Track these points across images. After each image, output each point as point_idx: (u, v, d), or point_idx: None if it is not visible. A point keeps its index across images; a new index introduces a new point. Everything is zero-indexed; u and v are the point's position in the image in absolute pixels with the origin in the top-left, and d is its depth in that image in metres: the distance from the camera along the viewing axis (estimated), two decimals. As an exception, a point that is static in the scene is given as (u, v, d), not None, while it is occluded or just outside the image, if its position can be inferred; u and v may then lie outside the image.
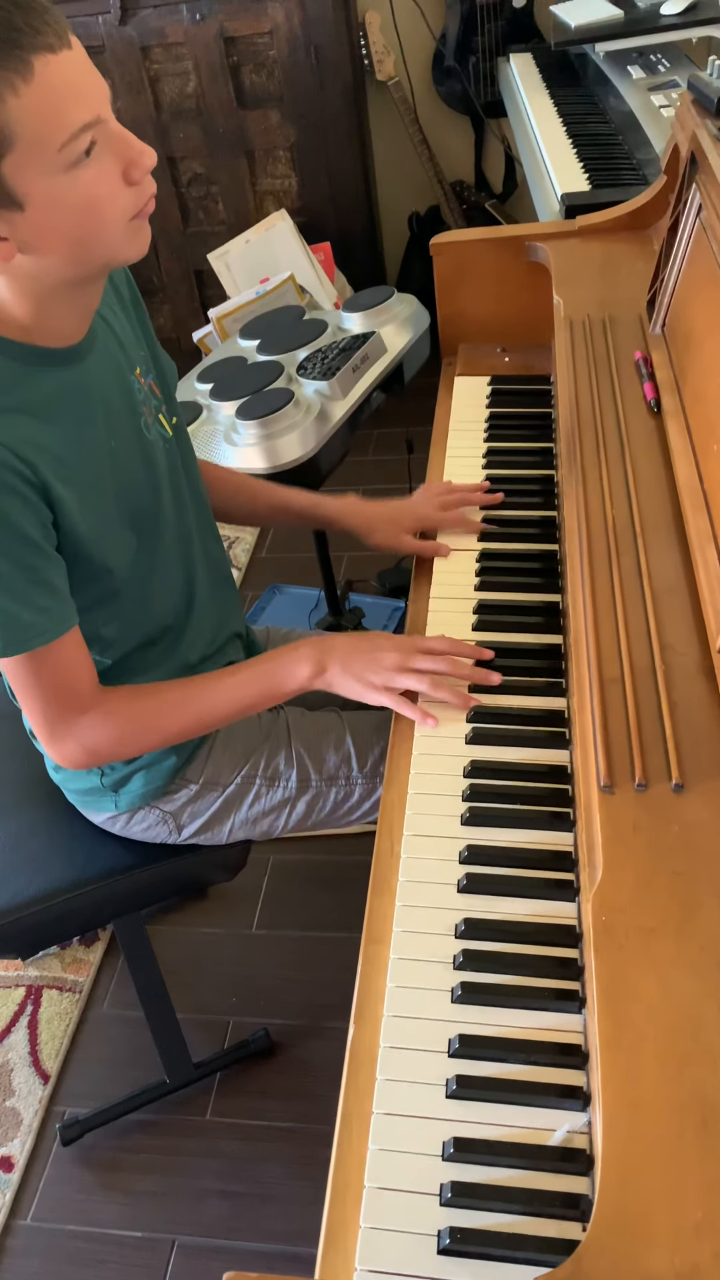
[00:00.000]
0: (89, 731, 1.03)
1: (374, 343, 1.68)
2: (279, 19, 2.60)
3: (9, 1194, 1.46)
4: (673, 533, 0.96)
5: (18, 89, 0.77)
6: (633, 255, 1.45)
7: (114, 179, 0.85)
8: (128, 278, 1.12)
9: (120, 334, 1.06)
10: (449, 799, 0.94)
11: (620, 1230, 0.52)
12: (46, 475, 0.92)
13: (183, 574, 1.16)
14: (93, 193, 0.84)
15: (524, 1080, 0.73)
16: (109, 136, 0.84)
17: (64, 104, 0.80)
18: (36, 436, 0.92)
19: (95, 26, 2.65)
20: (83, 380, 0.98)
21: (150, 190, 0.89)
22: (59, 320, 0.95)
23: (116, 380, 1.03)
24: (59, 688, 1.00)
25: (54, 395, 0.95)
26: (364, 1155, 0.72)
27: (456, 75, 2.83)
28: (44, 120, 0.79)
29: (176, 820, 1.22)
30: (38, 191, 0.83)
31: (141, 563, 1.07)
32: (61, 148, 0.81)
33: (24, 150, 0.80)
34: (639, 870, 0.68)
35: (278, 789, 1.22)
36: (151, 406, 1.09)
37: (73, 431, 0.96)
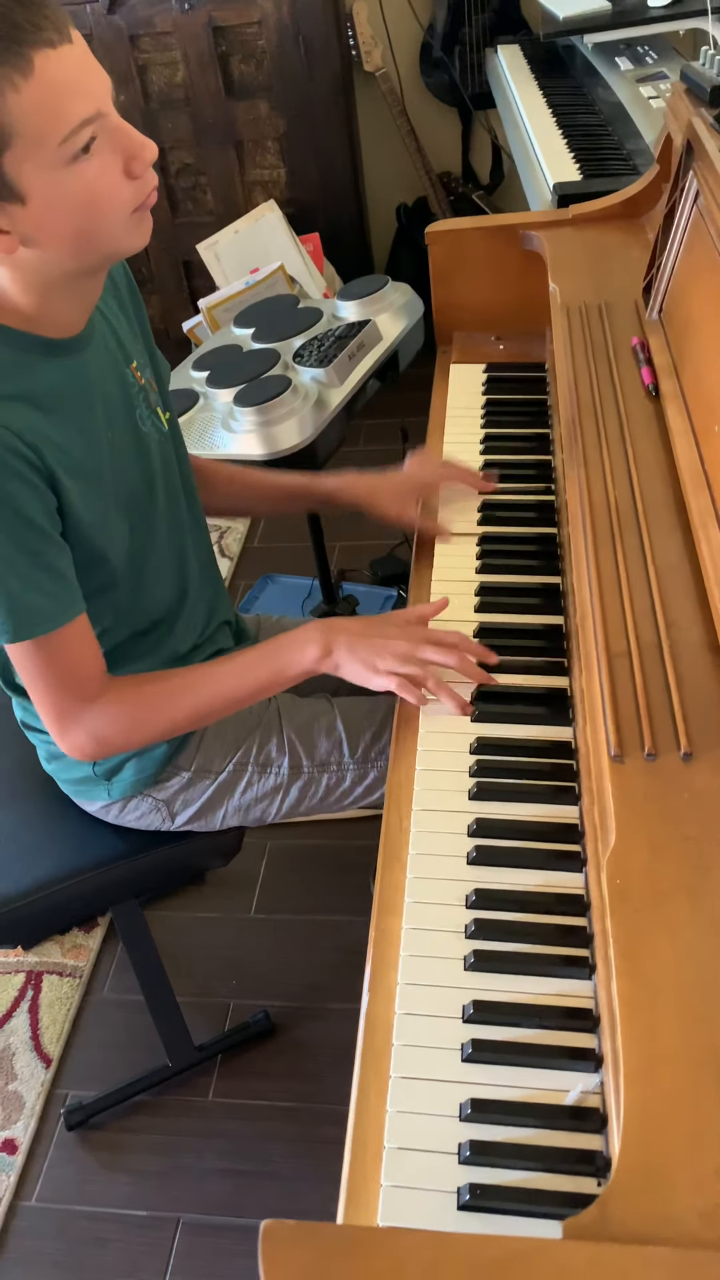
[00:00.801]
0: (97, 720, 1.03)
1: (369, 331, 1.70)
2: (267, 9, 2.61)
3: (13, 1176, 1.47)
4: (674, 513, 0.98)
5: (17, 85, 0.78)
6: (626, 243, 1.47)
7: (115, 172, 0.86)
8: (126, 274, 1.13)
9: (117, 328, 1.07)
10: (456, 775, 0.96)
11: (643, 1175, 0.54)
12: (51, 463, 0.93)
13: (175, 565, 1.17)
14: (94, 187, 0.85)
15: (537, 1044, 0.75)
16: (110, 130, 0.85)
17: (64, 99, 0.80)
18: (39, 425, 0.93)
19: (84, 15, 2.64)
20: (82, 371, 0.99)
21: (152, 183, 0.90)
22: (61, 311, 0.96)
23: (114, 372, 1.04)
24: (68, 675, 1.01)
25: (55, 385, 0.96)
26: (382, 1117, 0.73)
27: (444, 66, 2.84)
28: (44, 116, 0.80)
29: (170, 808, 1.23)
30: (39, 186, 0.83)
31: (136, 553, 1.09)
32: (62, 143, 0.82)
33: (25, 145, 0.81)
34: (651, 836, 0.70)
35: (270, 775, 1.23)
36: (149, 400, 1.10)
37: (73, 421, 0.97)
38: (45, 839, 1.27)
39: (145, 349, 1.13)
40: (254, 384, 1.60)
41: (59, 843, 1.26)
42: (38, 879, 1.23)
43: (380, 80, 2.81)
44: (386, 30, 2.83)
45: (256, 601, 2.35)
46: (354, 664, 1.04)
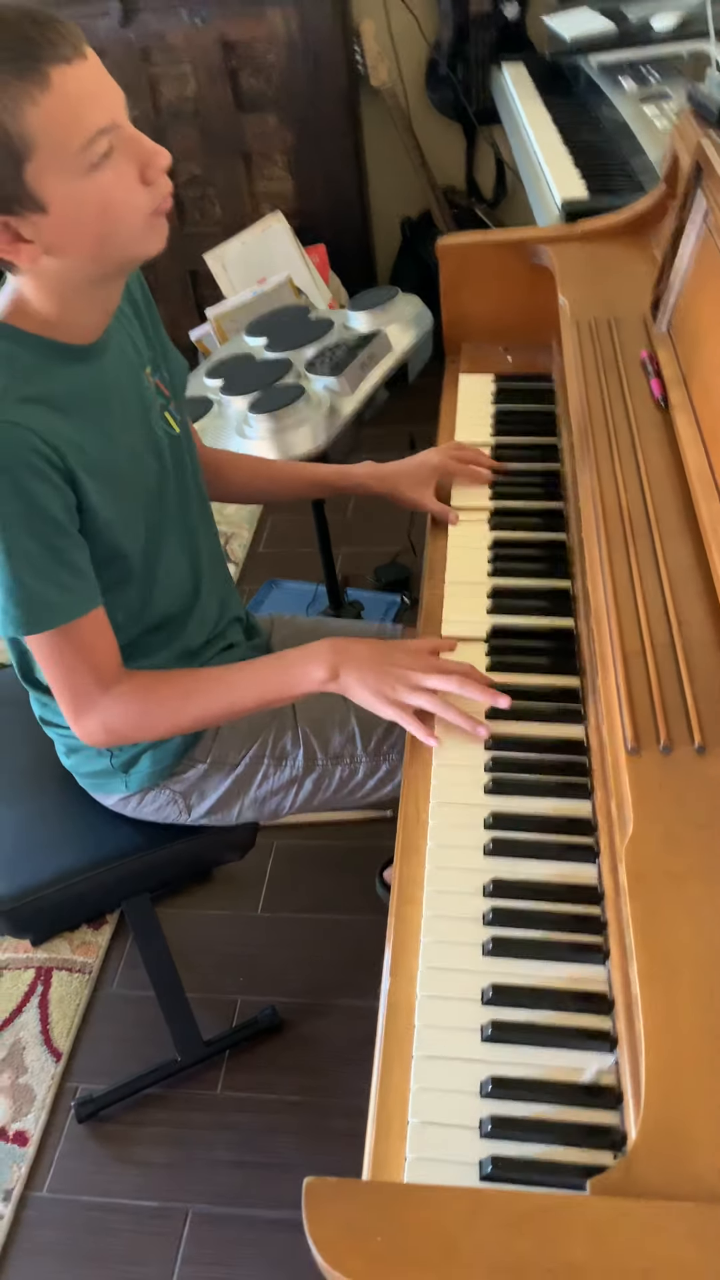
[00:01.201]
0: (110, 710, 1.06)
1: (380, 341, 1.74)
2: (277, 25, 2.65)
3: (24, 1167, 1.49)
4: (684, 519, 1.01)
5: (36, 99, 0.83)
6: (632, 259, 1.51)
7: (131, 180, 0.90)
8: (141, 282, 1.17)
9: (133, 334, 1.11)
10: (472, 769, 0.99)
11: (666, 1136, 0.57)
12: (71, 462, 0.97)
13: (188, 563, 1.20)
14: (111, 193, 0.89)
15: (554, 1025, 0.78)
16: (125, 140, 0.89)
17: (80, 111, 0.85)
18: (60, 427, 0.97)
19: (97, 29, 2.69)
20: (101, 375, 1.03)
21: (166, 189, 0.94)
22: (82, 317, 1.00)
23: (130, 377, 1.08)
24: (83, 665, 1.04)
25: (74, 388, 1.00)
26: (406, 1095, 0.76)
27: (449, 83, 2.89)
28: (62, 127, 0.84)
29: (186, 800, 1.26)
30: (59, 194, 0.87)
31: (150, 551, 1.12)
32: (80, 152, 0.86)
33: (45, 156, 0.85)
34: (667, 824, 0.73)
35: (285, 768, 1.26)
36: (160, 404, 1.14)
37: (91, 423, 1.01)
38: (64, 832, 1.30)
39: (161, 353, 1.17)
40: (268, 392, 1.64)
41: (77, 836, 1.29)
42: (57, 871, 1.26)
43: (386, 95, 2.85)
44: (393, 46, 2.88)
45: (261, 606, 2.38)
46: (363, 690, 1.05)
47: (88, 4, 2.65)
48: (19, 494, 0.94)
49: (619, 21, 2.43)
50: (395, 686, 1.04)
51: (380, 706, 1.05)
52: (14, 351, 0.97)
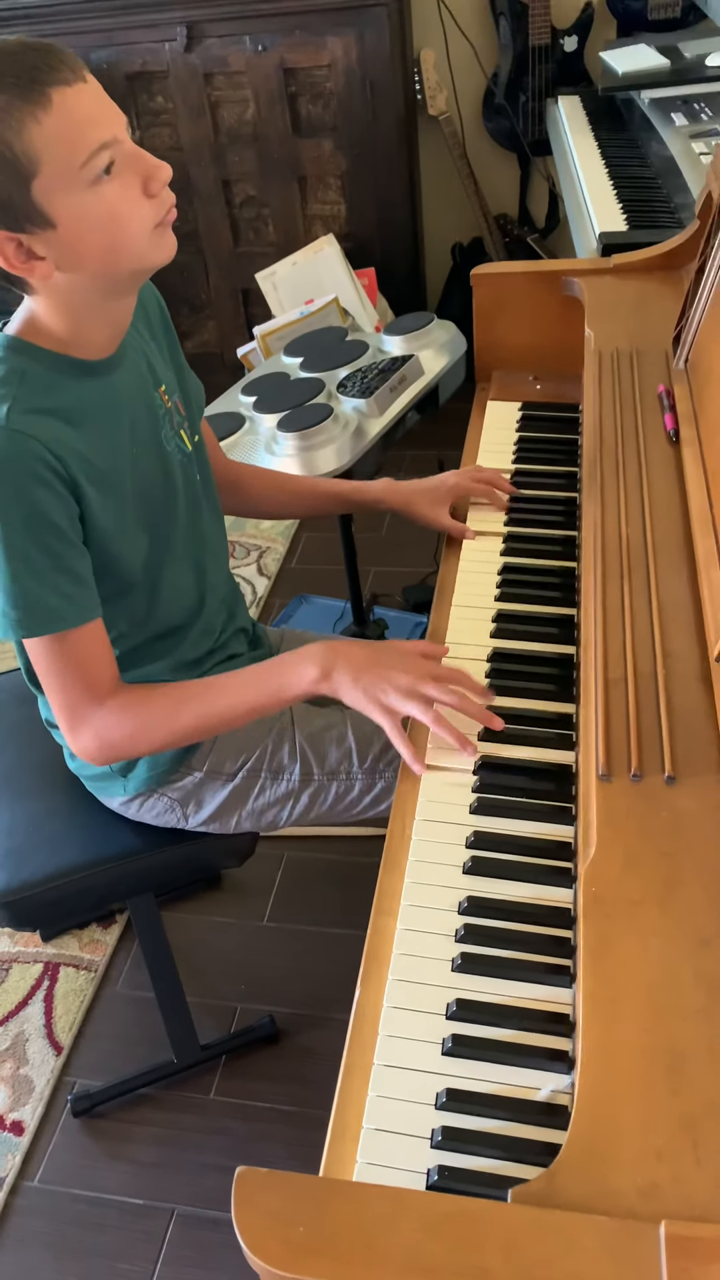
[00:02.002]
0: (104, 724, 1.07)
1: (412, 365, 1.76)
2: (338, 53, 2.71)
3: (18, 1156, 1.52)
4: (682, 553, 1.02)
5: (39, 118, 0.88)
6: (664, 294, 1.52)
7: (135, 193, 0.94)
8: (160, 305, 1.21)
9: (148, 354, 1.15)
10: (459, 789, 1.01)
11: (591, 1152, 0.58)
12: (75, 472, 1.00)
13: (193, 576, 1.22)
14: (116, 206, 0.93)
15: (515, 1043, 0.79)
16: (127, 155, 0.94)
17: (82, 127, 0.90)
18: (66, 438, 1.00)
19: (161, 53, 2.77)
20: (111, 391, 1.07)
21: (169, 201, 0.98)
22: (94, 333, 1.04)
23: (141, 394, 1.12)
24: (79, 676, 1.06)
25: (84, 402, 1.03)
26: (363, 1102, 0.78)
27: (505, 113, 2.93)
28: (65, 143, 0.89)
29: (184, 808, 1.28)
30: (66, 209, 0.92)
31: (154, 563, 1.15)
32: (83, 165, 0.90)
33: (50, 172, 0.89)
34: (629, 849, 0.74)
35: (281, 782, 1.27)
36: (174, 422, 1.17)
37: (99, 436, 1.04)
38: (69, 830, 1.33)
39: (175, 375, 1.20)
40: (297, 410, 1.67)
41: (81, 834, 1.32)
42: (60, 867, 1.29)
43: (443, 124, 2.90)
44: (452, 76, 2.92)
45: (290, 621, 2.42)
46: (355, 692, 1.04)
47: (155, 28, 2.73)
48: (21, 500, 0.97)
49: (674, 58, 2.45)
50: (387, 690, 1.03)
51: (371, 710, 1.04)
52: (26, 365, 1.00)
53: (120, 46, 2.77)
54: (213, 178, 2.94)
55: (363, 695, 1.04)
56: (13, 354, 1.00)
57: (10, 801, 1.38)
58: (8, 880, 1.28)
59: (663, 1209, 0.54)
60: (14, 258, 0.94)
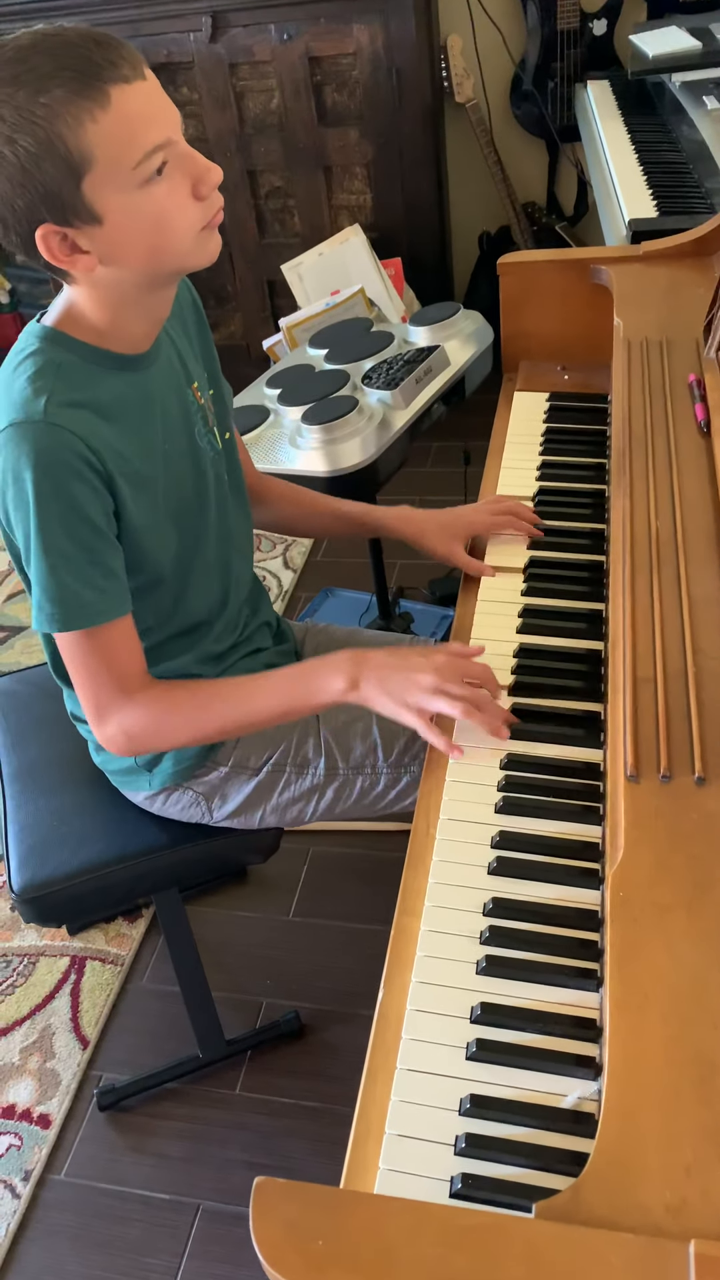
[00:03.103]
0: (130, 717, 1.08)
1: (438, 356, 1.74)
2: (363, 41, 2.68)
3: (45, 1149, 1.53)
4: (713, 547, 1.00)
5: (96, 116, 0.86)
6: (694, 281, 1.49)
7: (184, 194, 0.93)
8: (195, 304, 1.20)
9: (182, 351, 1.14)
10: (484, 788, 0.99)
11: (617, 1165, 0.56)
12: (111, 467, 1.00)
13: (220, 572, 1.22)
14: (165, 207, 0.92)
15: (540, 1048, 0.78)
16: (179, 156, 0.92)
17: (138, 128, 0.88)
18: (102, 432, 1.00)
19: (186, 43, 2.75)
20: (146, 385, 1.06)
21: (218, 204, 0.97)
22: (132, 327, 1.03)
23: (175, 390, 1.11)
24: (109, 670, 1.06)
25: (119, 396, 1.03)
26: (386, 1106, 0.77)
27: (533, 99, 2.89)
28: (120, 142, 0.88)
29: (208, 802, 1.28)
30: (115, 207, 0.91)
31: (183, 559, 1.15)
32: (136, 166, 0.89)
33: (102, 170, 0.89)
34: (657, 852, 0.72)
35: (306, 777, 1.27)
36: (207, 419, 1.17)
37: (133, 431, 1.04)
38: (94, 825, 1.33)
39: (209, 373, 1.20)
40: (322, 403, 1.66)
41: (107, 829, 1.32)
42: (85, 862, 1.29)
43: (470, 111, 2.87)
44: (479, 63, 2.89)
45: (316, 613, 2.41)
46: (383, 698, 1.05)
47: (180, 19, 2.72)
48: (59, 495, 0.97)
49: (705, 40, 2.40)
50: (414, 692, 1.03)
51: (401, 714, 1.04)
52: (63, 357, 1.00)
53: (145, 38, 2.76)
54: (238, 168, 2.93)
55: (391, 701, 1.04)
56: (50, 345, 1.00)
57: (35, 796, 1.38)
58: (32, 876, 1.28)
59: (692, 1226, 0.53)
60: (58, 250, 0.93)
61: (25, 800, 1.38)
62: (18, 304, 3.44)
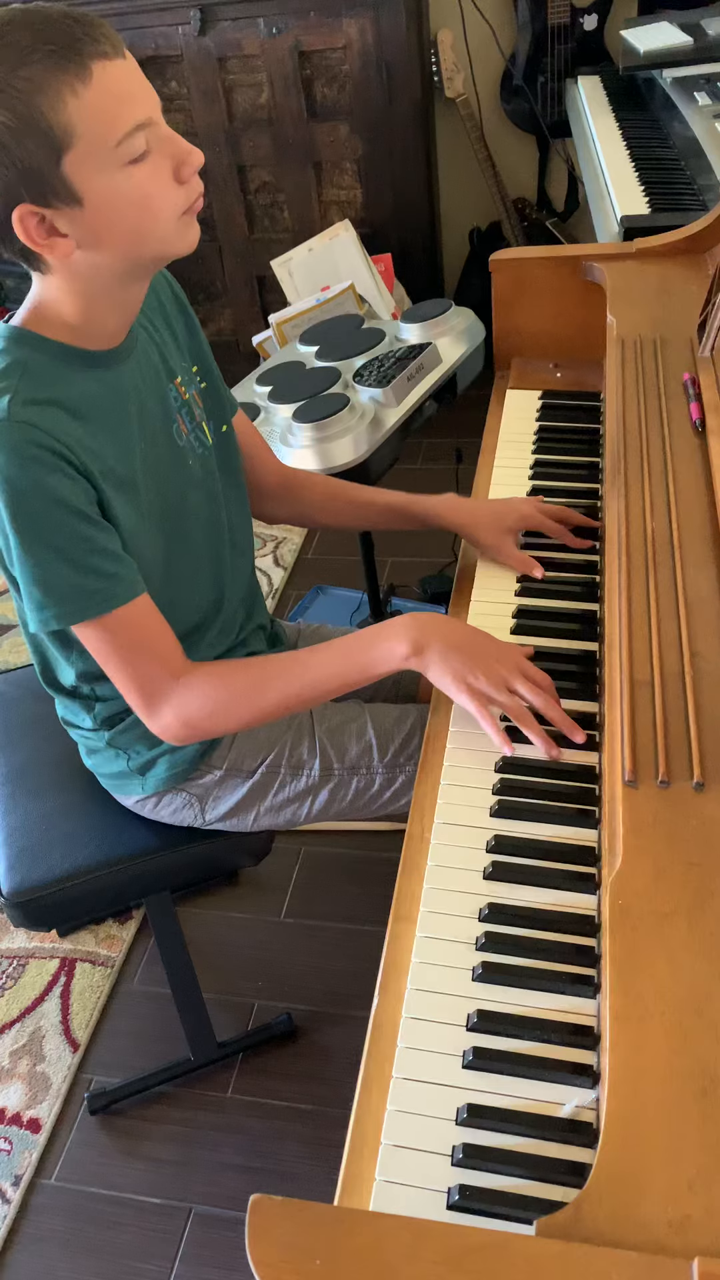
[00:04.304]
0: (185, 700, 1.04)
1: (429, 353, 1.73)
2: (353, 35, 2.67)
3: (35, 1154, 1.51)
4: (709, 547, 0.99)
5: (77, 91, 0.85)
6: (687, 279, 1.49)
7: (165, 177, 0.92)
8: (178, 298, 1.17)
9: (162, 346, 1.12)
10: (479, 791, 0.98)
11: (619, 1182, 0.55)
12: (88, 463, 0.97)
13: (212, 572, 1.20)
14: (146, 189, 0.91)
15: (537, 1056, 0.77)
16: (161, 139, 0.91)
17: (120, 105, 0.87)
18: (72, 430, 0.97)
19: (175, 37, 2.73)
20: (117, 383, 1.03)
21: (198, 189, 0.95)
22: (104, 321, 1.01)
23: (152, 386, 1.08)
24: (146, 652, 1.02)
25: (89, 394, 1.00)
26: (381, 1116, 0.76)
27: (524, 94, 2.87)
28: (102, 119, 0.86)
29: (202, 804, 1.26)
30: (96, 187, 0.89)
31: (170, 560, 1.12)
32: (118, 144, 0.88)
33: (84, 147, 0.87)
34: (656, 859, 0.72)
35: (301, 778, 1.25)
36: (194, 414, 1.14)
37: (105, 429, 1.01)
38: (84, 828, 1.32)
39: (199, 365, 1.17)
40: (313, 401, 1.64)
41: (97, 833, 1.31)
42: (75, 866, 1.28)
43: (460, 106, 2.85)
44: (469, 57, 2.87)
45: (307, 612, 2.39)
46: (445, 669, 1.01)
47: (168, 11, 2.70)
48: (36, 490, 0.94)
49: (697, 35, 2.40)
50: (479, 676, 1.00)
51: (458, 691, 1.01)
52: (29, 357, 0.97)
53: (133, 31, 2.73)
54: (227, 164, 2.91)
55: (452, 676, 1.01)
56: (15, 345, 0.98)
57: (24, 799, 1.36)
58: (21, 880, 1.27)
59: (695, 1243, 0.52)
60: (35, 232, 0.91)
61: (15, 803, 1.36)
62: (4, 299, 3.42)
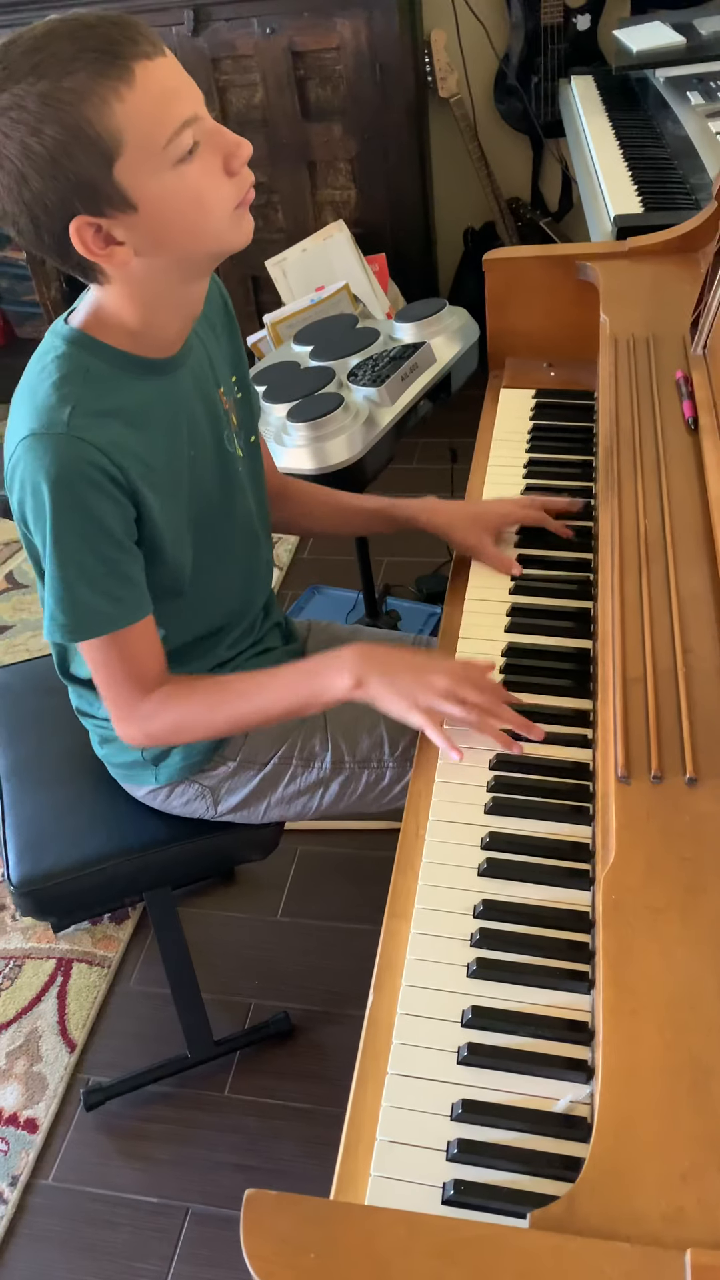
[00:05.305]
0: (148, 715, 1.09)
1: (424, 353, 1.73)
2: (346, 35, 2.67)
3: (32, 1154, 1.51)
4: (702, 545, 0.99)
5: (122, 95, 0.84)
6: (680, 278, 1.49)
7: (216, 171, 0.91)
8: (226, 306, 1.18)
9: (211, 354, 1.13)
10: (474, 788, 0.99)
11: (612, 1174, 0.56)
12: (134, 477, 0.99)
13: (242, 579, 1.23)
14: (199, 186, 0.90)
15: (532, 1051, 0.77)
16: (208, 133, 0.90)
17: (165, 104, 0.86)
18: (127, 441, 0.98)
19: (168, 37, 2.73)
20: (174, 391, 1.05)
21: (250, 180, 0.95)
22: (164, 327, 1.02)
23: (202, 394, 1.10)
24: (127, 671, 1.07)
25: (147, 403, 1.02)
26: (377, 1112, 0.76)
27: (517, 94, 2.88)
28: (149, 120, 0.86)
29: (214, 795, 1.27)
30: (149, 191, 0.89)
31: (207, 565, 1.14)
32: (167, 145, 0.87)
33: (133, 152, 0.86)
34: (650, 855, 0.72)
35: (312, 770, 1.26)
36: (232, 423, 1.16)
37: (159, 438, 1.03)
38: (93, 819, 1.33)
39: (238, 377, 1.19)
40: (307, 400, 1.64)
41: (106, 824, 1.32)
42: (83, 856, 1.29)
43: (454, 106, 2.86)
44: (463, 58, 2.88)
45: (303, 611, 2.39)
46: (392, 697, 1.03)
47: (162, 12, 2.70)
48: (78, 507, 0.96)
49: (690, 35, 2.40)
50: (427, 694, 1.02)
51: (410, 714, 1.02)
52: (90, 363, 0.99)
53: (127, 31, 2.73)
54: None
55: (399, 698, 1.03)
56: (77, 349, 0.98)
57: (33, 790, 1.37)
58: (31, 869, 1.28)
59: (688, 1236, 0.52)
60: (93, 243, 0.91)
61: (24, 794, 1.37)
62: (-1, 300, 3.42)
